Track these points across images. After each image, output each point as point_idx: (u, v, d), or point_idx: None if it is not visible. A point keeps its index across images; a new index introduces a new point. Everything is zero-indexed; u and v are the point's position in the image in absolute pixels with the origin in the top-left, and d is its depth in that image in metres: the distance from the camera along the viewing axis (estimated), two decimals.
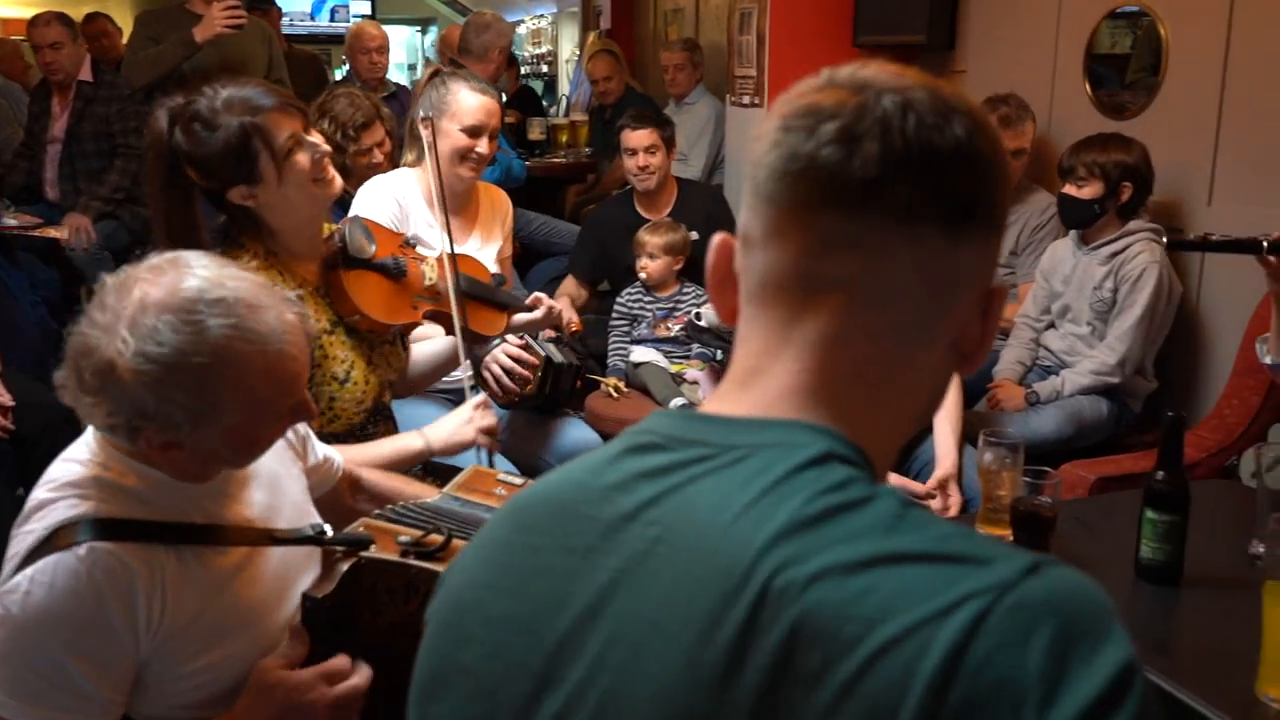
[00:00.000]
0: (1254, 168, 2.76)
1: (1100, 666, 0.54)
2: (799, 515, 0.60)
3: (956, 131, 0.66)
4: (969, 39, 3.77)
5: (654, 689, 0.61)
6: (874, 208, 0.65)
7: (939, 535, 0.60)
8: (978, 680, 0.53)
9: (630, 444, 0.71)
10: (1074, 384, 2.75)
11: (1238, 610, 1.30)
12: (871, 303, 0.68)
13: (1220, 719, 1.22)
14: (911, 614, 0.55)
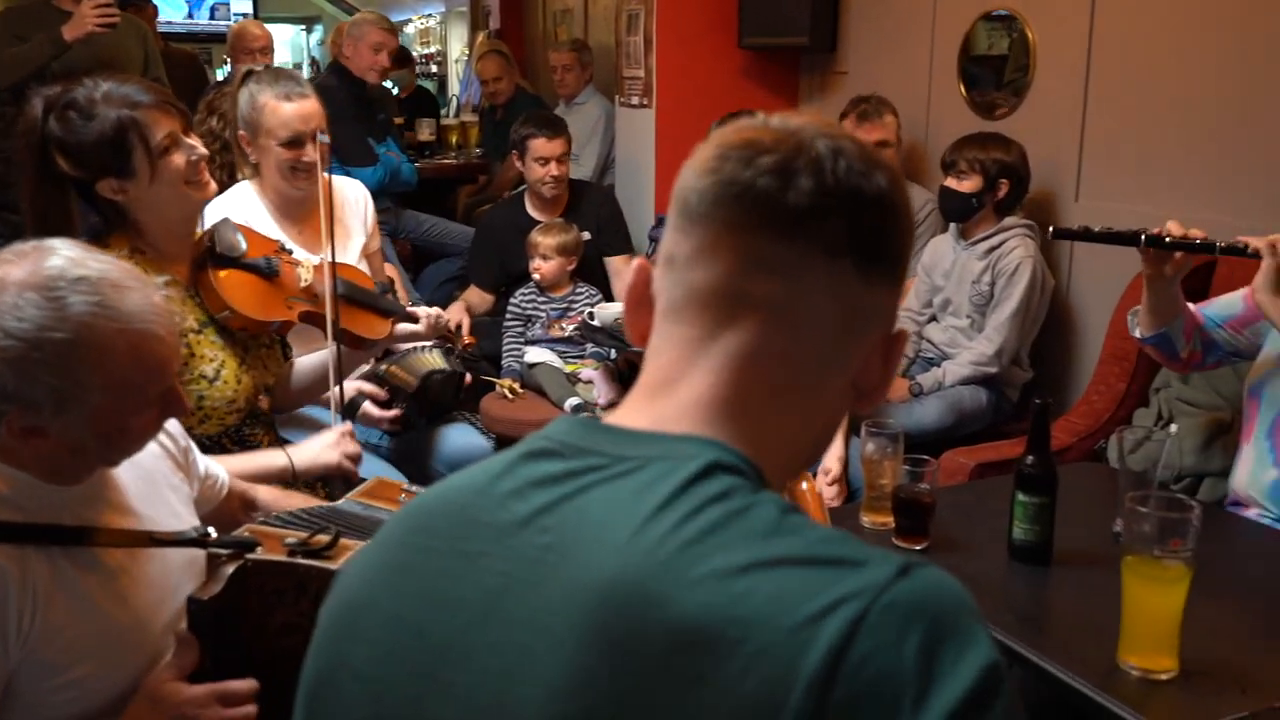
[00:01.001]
0: (1117, 165, 2.90)
1: (968, 666, 0.57)
2: (684, 526, 0.63)
3: (880, 181, 0.72)
4: (850, 41, 3.87)
5: (539, 693, 0.62)
6: (803, 236, 0.70)
7: (815, 539, 0.63)
8: (858, 678, 0.56)
9: (528, 450, 0.73)
10: (955, 375, 2.85)
11: (1103, 585, 1.37)
12: (789, 325, 0.72)
13: (1084, 686, 1.29)
14: (791, 616, 0.57)
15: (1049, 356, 3.05)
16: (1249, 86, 2.52)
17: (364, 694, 0.71)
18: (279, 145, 2.30)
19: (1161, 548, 1.28)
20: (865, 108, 3.26)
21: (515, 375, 3.28)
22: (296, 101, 2.30)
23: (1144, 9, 2.78)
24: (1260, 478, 1.87)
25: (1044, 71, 3.10)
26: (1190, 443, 2.26)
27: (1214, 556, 1.65)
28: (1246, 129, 2.54)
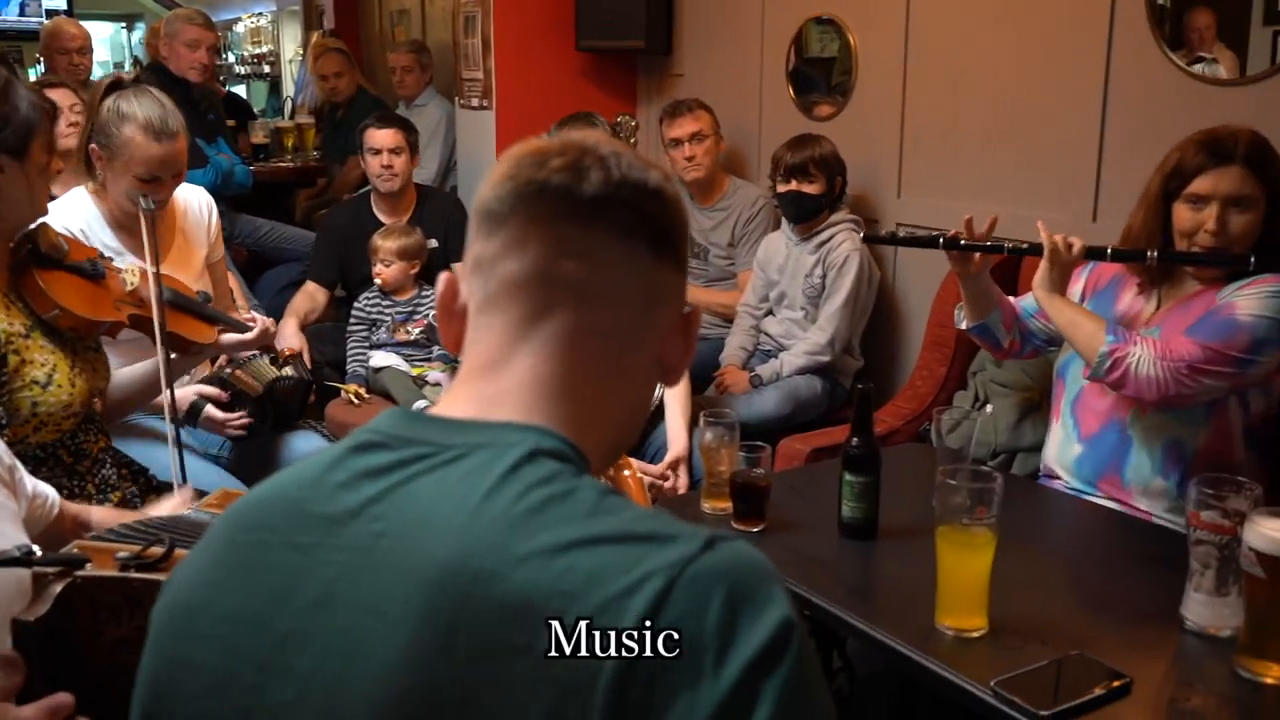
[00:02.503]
0: (934, 164, 3.08)
1: (764, 623, 0.62)
2: (509, 509, 0.67)
3: (656, 176, 0.82)
4: (685, 44, 3.97)
5: (378, 671, 0.66)
6: (598, 222, 0.79)
7: (631, 518, 0.68)
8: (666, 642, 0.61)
9: (356, 443, 0.76)
10: (791, 365, 2.98)
11: (924, 556, 1.46)
12: (597, 302, 0.79)
13: (905, 649, 1.39)
14: (607, 589, 0.62)
15: (878, 345, 3.22)
16: (1045, 91, 2.72)
17: (205, 688, 0.73)
18: (135, 177, 2.21)
19: (970, 516, 1.39)
20: (674, 105, 3.42)
21: (360, 380, 3.24)
22: (164, 144, 2.20)
23: (953, 17, 2.96)
24: (1066, 452, 2.04)
25: (865, 75, 3.26)
26: (1004, 421, 2.43)
27: (1024, 524, 1.81)
28: (1043, 130, 2.74)
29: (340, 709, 0.67)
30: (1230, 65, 2.31)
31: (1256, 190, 1.83)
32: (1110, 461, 1.94)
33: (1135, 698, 1.26)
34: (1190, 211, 1.87)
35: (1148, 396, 1.82)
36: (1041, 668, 1.30)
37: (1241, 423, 1.87)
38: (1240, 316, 1.79)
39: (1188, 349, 1.79)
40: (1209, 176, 1.85)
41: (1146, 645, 1.41)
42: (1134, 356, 1.81)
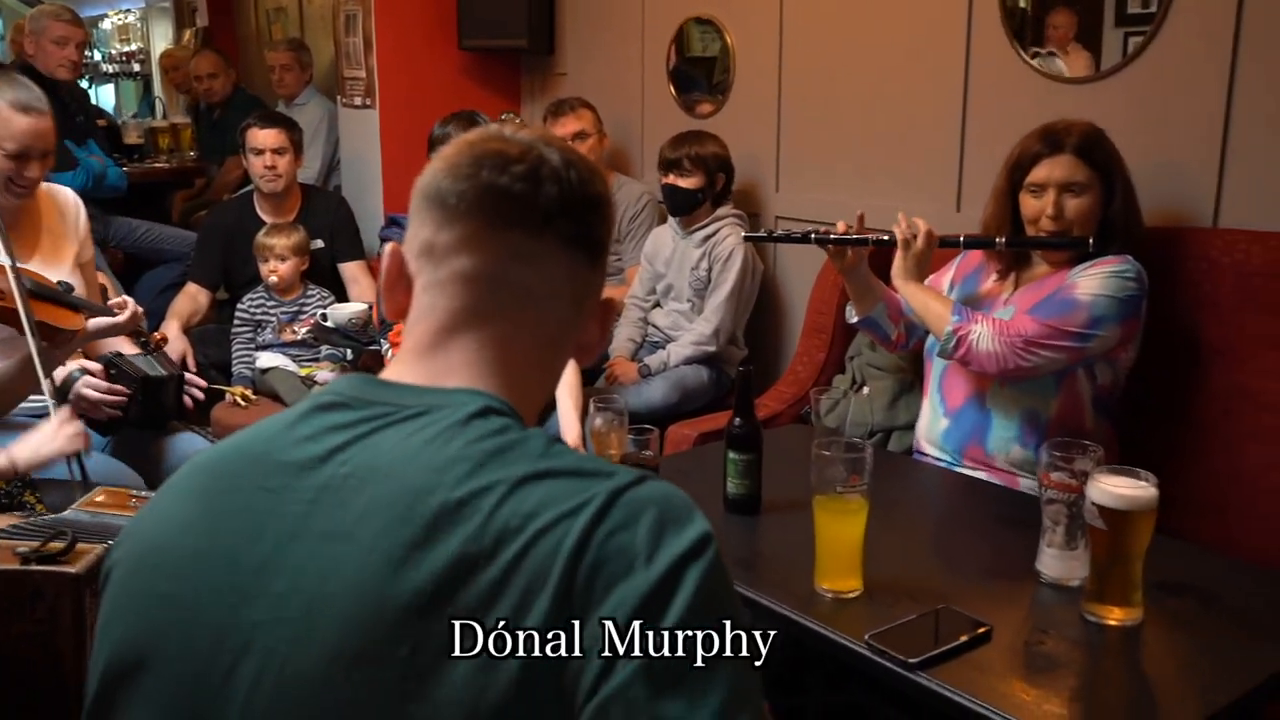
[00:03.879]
0: (809, 159, 3.21)
1: (686, 534, 0.74)
2: (470, 449, 0.78)
3: (599, 186, 0.92)
4: (568, 44, 4.03)
5: (350, 586, 0.74)
6: (549, 233, 0.88)
7: (576, 460, 0.79)
8: (603, 548, 0.72)
9: (316, 403, 0.85)
10: (679, 355, 3.07)
11: (805, 528, 1.55)
12: (541, 303, 0.89)
13: (788, 611, 1.47)
14: (557, 509, 0.74)
15: (761, 334, 3.33)
16: (911, 89, 2.87)
17: (178, 619, 0.79)
18: (3, 156, 2.19)
19: (844, 485, 1.48)
20: (558, 104, 3.48)
21: (247, 382, 3.21)
22: (33, 117, 2.20)
23: (824, 18, 3.08)
24: (934, 427, 2.17)
25: (742, 74, 3.37)
26: (879, 402, 2.56)
27: (896, 495, 1.93)
28: (910, 126, 2.89)
29: (315, 624, 0.74)
30: (1086, 64, 2.46)
31: (1089, 177, 1.99)
32: (973, 434, 2.08)
33: (995, 644, 1.37)
34: (1032, 199, 2.04)
35: (989, 369, 1.96)
36: (911, 621, 1.41)
37: (1090, 393, 2.02)
38: (1079, 295, 1.95)
39: (1026, 326, 1.94)
40: (1044, 165, 2.01)
41: (1006, 597, 1.52)
42: (975, 334, 1.96)
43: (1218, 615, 1.46)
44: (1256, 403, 2.09)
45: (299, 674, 0.74)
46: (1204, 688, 1.29)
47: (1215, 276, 2.15)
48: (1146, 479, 1.40)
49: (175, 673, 0.78)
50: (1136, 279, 1.98)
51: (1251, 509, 2.09)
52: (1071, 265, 2.04)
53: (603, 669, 0.69)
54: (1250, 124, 2.22)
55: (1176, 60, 2.31)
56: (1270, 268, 2.08)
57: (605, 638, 0.69)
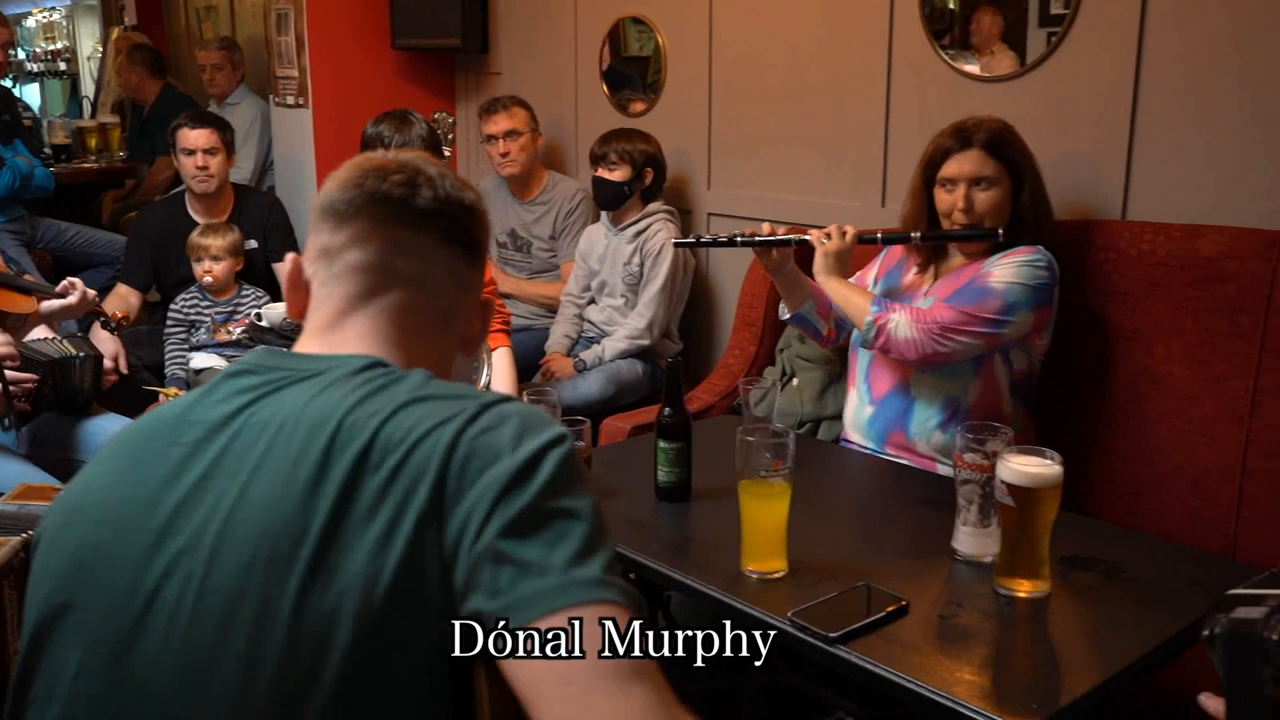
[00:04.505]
0: (740, 157, 3.27)
1: (546, 434, 0.87)
2: (359, 389, 0.91)
3: (471, 195, 1.07)
4: (501, 43, 4.05)
5: (260, 507, 0.85)
6: (428, 229, 1.03)
7: (451, 389, 0.92)
8: (473, 444, 0.85)
9: (227, 373, 0.97)
10: (613, 350, 3.11)
11: (733, 513, 1.60)
12: (423, 289, 1.03)
13: (716, 592, 1.53)
14: (434, 420, 0.87)
15: (695, 328, 3.39)
16: (837, 89, 2.94)
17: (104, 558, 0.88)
18: None
19: (767, 470, 1.54)
20: (490, 101, 3.52)
21: (180, 383, 3.19)
22: None
23: (753, 19, 3.15)
24: (860, 415, 2.24)
25: (674, 72, 3.42)
26: (809, 393, 2.62)
27: (821, 480, 1.99)
28: (837, 125, 2.96)
29: (229, 543, 0.84)
30: (1011, 63, 2.54)
31: (996, 170, 2.09)
32: (897, 420, 2.16)
33: (912, 617, 1.44)
34: (944, 194, 2.13)
35: (909, 356, 2.05)
36: (832, 598, 1.47)
37: (1007, 379, 2.11)
38: (993, 284, 2.03)
39: (942, 313, 2.02)
40: (954, 161, 2.11)
41: (923, 574, 1.59)
42: (893, 323, 2.05)
43: (1120, 586, 1.54)
44: (1163, 386, 2.19)
45: (217, 586, 0.83)
46: (1104, 653, 1.37)
47: (1124, 267, 2.25)
48: (1052, 457, 1.47)
49: (100, 606, 0.86)
50: (1048, 268, 2.06)
51: (1160, 487, 2.19)
52: (986, 256, 2.12)
53: (475, 534, 0.81)
54: (1154, 120, 2.32)
55: (1086, 59, 2.41)
56: (1173, 258, 2.18)
57: (476, 510, 0.81)
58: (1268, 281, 2.04)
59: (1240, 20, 2.17)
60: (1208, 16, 2.22)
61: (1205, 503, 2.13)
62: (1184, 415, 2.16)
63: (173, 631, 0.84)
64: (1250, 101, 2.18)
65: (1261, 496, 2.05)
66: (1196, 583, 1.55)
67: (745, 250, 2.95)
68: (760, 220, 3.05)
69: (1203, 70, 2.23)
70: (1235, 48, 2.18)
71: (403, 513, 0.82)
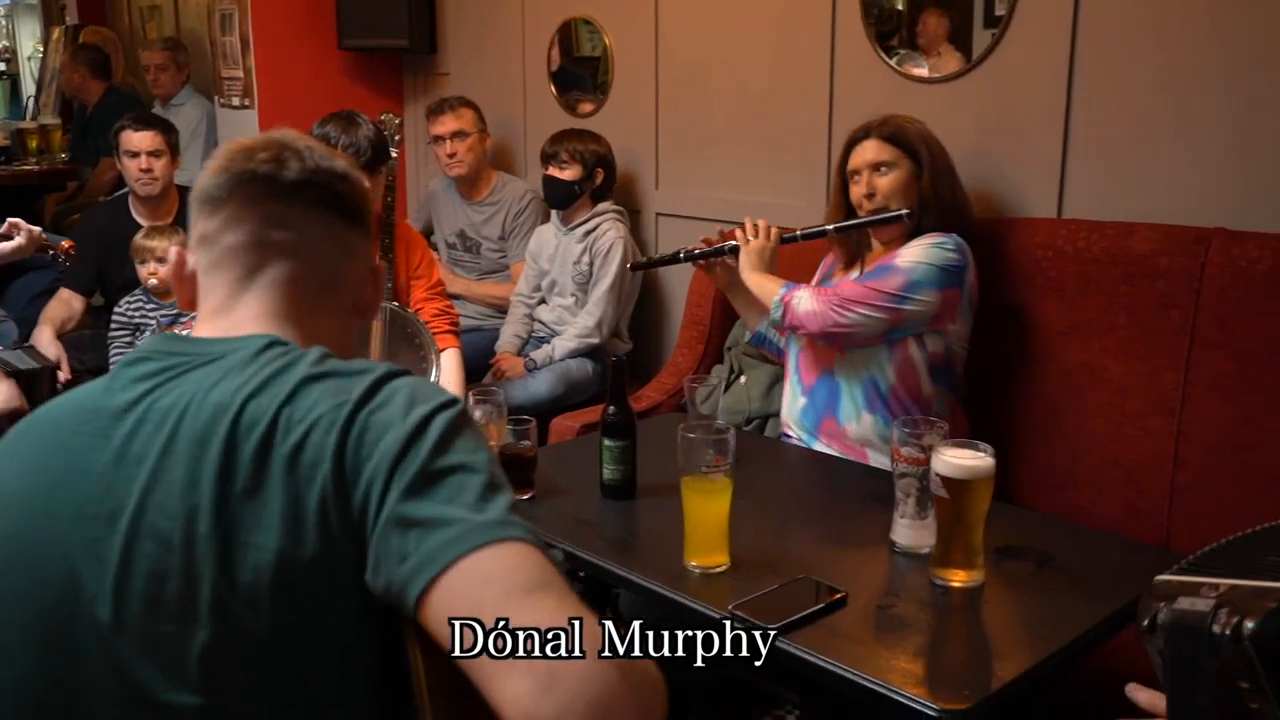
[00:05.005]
0: (687, 157, 3.30)
1: (434, 400, 0.90)
2: (259, 373, 0.92)
3: (341, 164, 1.08)
4: (449, 43, 4.05)
5: (172, 494, 0.87)
6: (300, 200, 1.03)
7: (348, 366, 0.94)
8: (369, 419, 0.88)
9: (125, 362, 0.98)
10: (563, 348, 3.13)
11: (678, 510, 1.62)
12: (305, 258, 1.04)
13: (660, 588, 1.54)
14: (332, 400, 0.89)
15: (645, 327, 3.41)
16: (781, 89, 2.98)
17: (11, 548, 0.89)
18: None
19: (708, 465, 1.56)
20: (438, 103, 3.52)
21: None
22: None
23: (698, 20, 3.18)
24: (794, 406, 2.29)
25: (621, 73, 3.44)
26: (755, 390, 2.65)
27: (762, 475, 2.02)
28: (781, 125, 3.00)
29: (146, 528, 0.86)
30: (958, 64, 2.58)
31: (894, 155, 2.19)
32: (826, 408, 2.21)
33: (850, 608, 1.47)
34: (854, 186, 2.24)
35: (811, 328, 2.12)
36: (772, 591, 1.49)
37: (924, 361, 2.17)
38: (899, 262, 2.12)
39: (844, 287, 2.13)
40: (856, 152, 2.23)
41: (862, 566, 1.62)
42: (797, 298, 2.14)
43: (1051, 574, 1.59)
44: (1098, 379, 2.24)
45: (138, 570, 0.85)
46: (1035, 638, 1.40)
47: (1060, 263, 2.30)
48: (984, 450, 1.51)
49: (18, 594, 0.88)
50: (957, 250, 2.13)
51: (1096, 479, 2.24)
52: (902, 243, 2.19)
53: (377, 506, 0.84)
54: (1087, 120, 2.38)
55: (1023, 60, 2.46)
56: (1107, 255, 2.23)
57: (375, 483, 0.84)
58: (1196, 277, 2.10)
59: (1169, 22, 2.23)
60: (1137, 17, 2.27)
61: (1139, 494, 2.19)
62: (1118, 408, 2.22)
63: (96, 616, 0.86)
64: (1178, 102, 2.24)
65: (1192, 486, 2.11)
66: (1124, 571, 1.60)
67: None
68: (708, 221, 3.12)
69: (1133, 70, 2.29)
70: (1164, 49, 2.24)
71: (307, 493, 0.85)
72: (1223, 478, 2.07)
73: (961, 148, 2.32)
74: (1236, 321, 2.05)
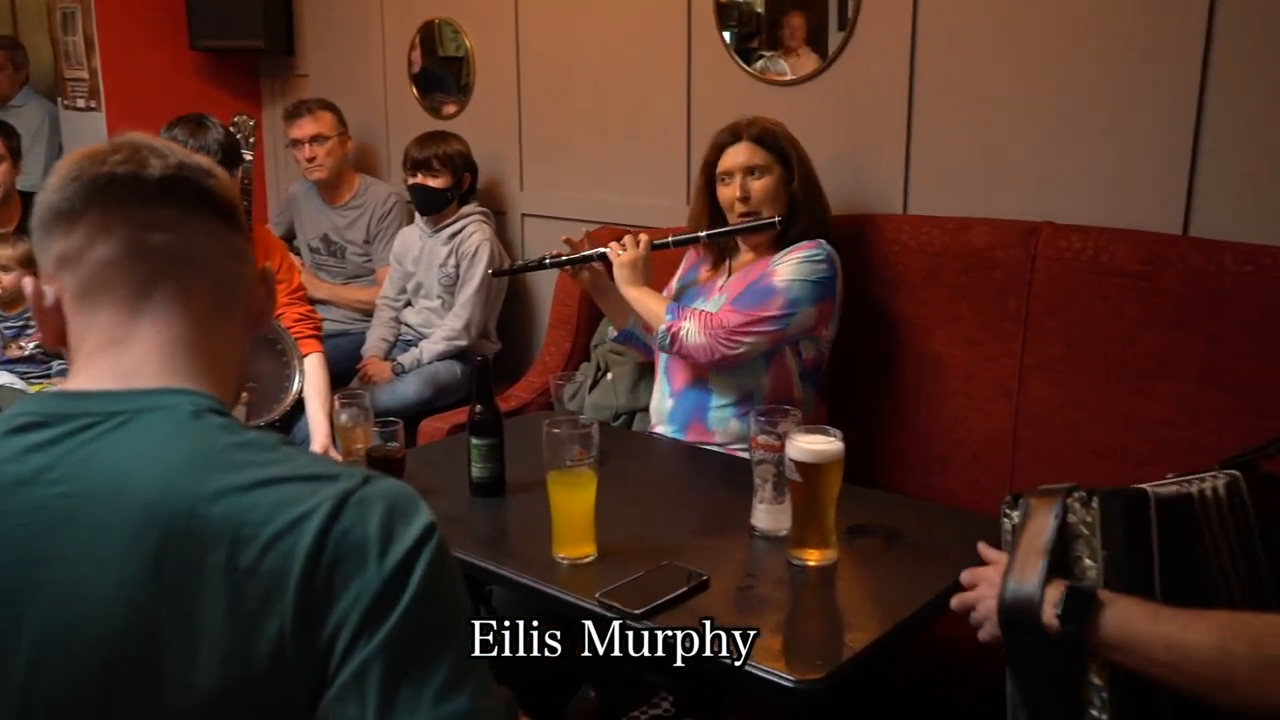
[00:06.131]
0: (550, 157, 3.33)
1: (414, 526, 0.80)
2: (196, 457, 0.79)
3: (201, 161, 0.95)
4: (308, 45, 3.98)
5: (92, 610, 0.75)
6: (170, 200, 0.90)
7: (304, 463, 0.82)
8: (339, 546, 0.77)
9: (10, 427, 0.82)
10: (431, 352, 3.12)
11: (546, 505, 1.66)
12: (194, 264, 0.91)
13: (530, 580, 1.58)
14: (290, 513, 0.77)
15: (513, 327, 3.43)
16: (641, 90, 3.04)
17: None
18: None
19: (572, 459, 1.60)
20: (297, 106, 3.47)
21: None
22: None
23: (558, 21, 3.21)
24: (662, 406, 2.34)
25: (483, 74, 3.45)
26: (622, 386, 2.71)
27: (630, 468, 2.07)
28: (642, 125, 3.06)
29: (61, 649, 0.76)
30: (815, 65, 2.68)
31: (767, 159, 2.25)
32: (695, 412, 2.27)
33: (712, 591, 1.53)
34: (724, 188, 2.28)
35: (702, 360, 2.17)
36: (638, 578, 1.54)
37: (797, 368, 2.25)
38: (776, 282, 2.17)
39: (729, 317, 2.15)
40: (728, 154, 2.27)
41: (723, 550, 1.69)
42: (685, 330, 2.17)
43: (899, 550, 1.68)
44: (945, 367, 2.37)
45: (53, 692, 0.76)
46: (884, 609, 1.49)
47: (905, 258, 2.42)
48: (834, 435, 1.59)
49: None
50: (827, 260, 2.21)
51: (945, 460, 2.37)
52: (772, 250, 2.26)
53: (344, 652, 0.75)
54: (927, 118, 2.51)
55: (869, 61, 2.58)
56: (948, 249, 2.36)
57: (345, 627, 0.75)
58: (1028, 268, 2.25)
59: (1000, 27, 2.38)
60: (971, 20, 2.41)
61: (984, 472, 2.32)
62: (963, 393, 2.35)
63: None
64: (1009, 101, 2.38)
65: (1030, 464, 2.26)
66: (967, 542, 1.69)
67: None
68: (574, 221, 3.16)
69: (968, 69, 2.43)
70: (995, 52, 2.39)
71: (264, 619, 0.75)
72: (1056, 455, 2.21)
73: (818, 147, 2.41)
74: (1064, 309, 2.20)
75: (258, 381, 2.70)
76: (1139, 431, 2.11)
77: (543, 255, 2.41)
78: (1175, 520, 1.19)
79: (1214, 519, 1.21)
